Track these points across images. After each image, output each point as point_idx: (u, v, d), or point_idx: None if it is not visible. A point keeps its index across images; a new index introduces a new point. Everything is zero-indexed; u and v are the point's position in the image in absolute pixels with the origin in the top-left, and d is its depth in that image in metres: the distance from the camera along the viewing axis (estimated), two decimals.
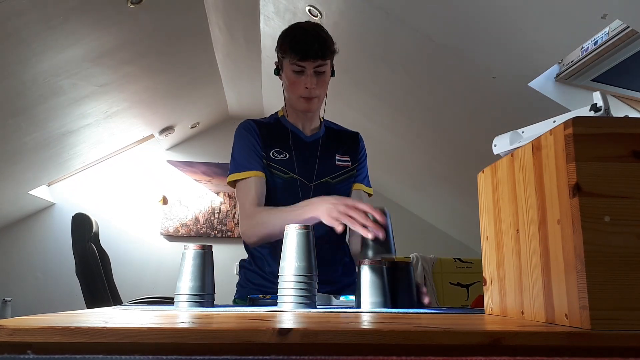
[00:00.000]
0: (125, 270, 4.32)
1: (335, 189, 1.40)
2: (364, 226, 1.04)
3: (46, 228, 4.52)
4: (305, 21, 1.41)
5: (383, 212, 1.08)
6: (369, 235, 1.04)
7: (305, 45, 1.30)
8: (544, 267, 0.67)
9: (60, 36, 2.43)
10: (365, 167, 1.51)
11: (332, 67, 1.42)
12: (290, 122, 1.45)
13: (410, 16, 2.35)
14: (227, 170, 1.41)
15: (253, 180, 1.33)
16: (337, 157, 1.45)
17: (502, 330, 0.53)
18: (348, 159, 1.46)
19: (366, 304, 0.98)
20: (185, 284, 0.96)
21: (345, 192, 1.43)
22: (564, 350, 0.53)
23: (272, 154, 1.39)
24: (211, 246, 1.01)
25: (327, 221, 1.09)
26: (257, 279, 1.41)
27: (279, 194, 1.37)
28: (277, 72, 1.41)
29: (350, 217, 1.06)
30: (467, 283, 3.50)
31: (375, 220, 1.05)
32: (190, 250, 0.98)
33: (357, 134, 1.54)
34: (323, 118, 1.52)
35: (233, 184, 1.37)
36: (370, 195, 1.51)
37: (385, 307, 0.98)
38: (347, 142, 1.50)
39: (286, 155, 1.39)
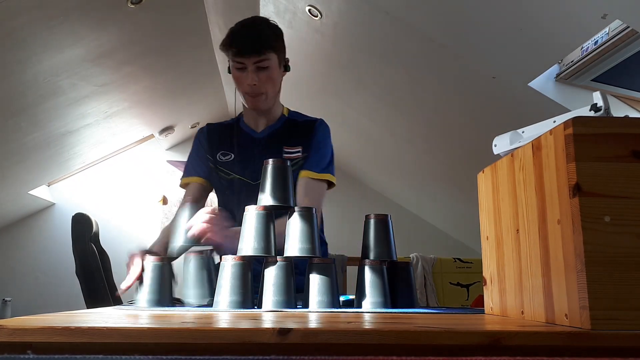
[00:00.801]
0: (125, 270, 4.31)
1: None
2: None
3: (46, 228, 4.51)
4: (252, 16, 1.39)
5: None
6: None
7: (241, 41, 1.28)
8: (544, 267, 0.67)
9: (60, 36, 2.42)
10: (320, 152, 1.37)
11: (286, 61, 1.37)
12: (244, 120, 1.45)
13: (411, 16, 2.35)
14: None
15: (190, 187, 1.41)
16: (284, 150, 1.37)
17: (502, 330, 0.53)
18: (299, 149, 1.37)
19: (367, 304, 0.98)
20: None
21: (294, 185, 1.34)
22: (564, 350, 0.53)
23: (218, 156, 1.41)
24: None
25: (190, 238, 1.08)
26: None
27: (225, 196, 1.40)
28: (229, 70, 1.38)
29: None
30: (467, 283, 3.50)
31: None
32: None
33: (315, 121, 1.43)
34: (288, 111, 1.47)
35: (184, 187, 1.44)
36: (331, 183, 1.36)
37: (386, 307, 0.97)
38: (301, 131, 1.40)
39: (231, 156, 1.40)
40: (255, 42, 1.28)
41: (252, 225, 0.95)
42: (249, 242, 0.94)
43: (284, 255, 0.95)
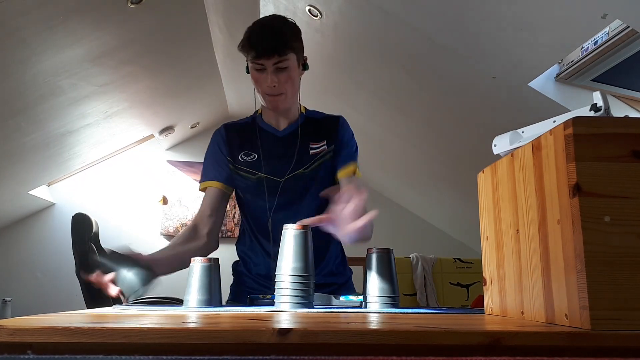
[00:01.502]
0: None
1: (309, 177, 1.36)
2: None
3: (46, 228, 4.52)
4: (271, 15, 1.37)
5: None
6: None
7: (260, 42, 1.25)
8: (544, 267, 0.67)
9: (60, 36, 2.42)
10: (348, 147, 1.41)
11: (304, 60, 1.36)
12: (264, 119, 1.43)
13: (411, 16, 2.35)
14: None
15: (209, 192, 1.39)
16: (310, 146, 1.39)
17: (502, 330, 0.53)
18: (324, 143, 1.39)
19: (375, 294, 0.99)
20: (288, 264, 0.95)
21: (321, 179, 1.37)
22: (564, 350, 0.53)
23: (241, 157, 1.39)
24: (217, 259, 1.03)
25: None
26: (248, 281, 1.41)
27: (249, 196, 1.39)
28: (248, 70, 1.37)
29: None
30: (467, 283, 3.51)
31: None
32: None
33: (337, 117, 1.46)
34: (305, 109, 1.48)
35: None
36: (356, 174, 1.40)
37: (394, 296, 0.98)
38: (324, 127, 1.42)
39: (254, 156, 1.38)
40: (276, 44, 1.25)
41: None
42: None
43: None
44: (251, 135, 1.40)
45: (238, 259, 1.49)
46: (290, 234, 0.97)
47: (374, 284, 1.00)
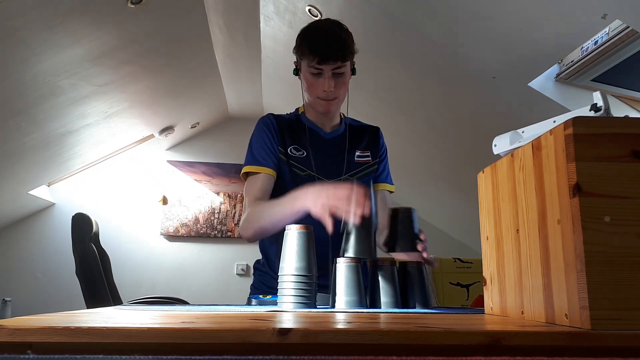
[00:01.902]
0: (125, 270, 4.32)
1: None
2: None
3: (46, 228, 4.52)
4: (325, 19, 1.36)
5: (406, 210, 1.09)
6: (350, 221, 0.99)
7: (323, 48, 1.25)
8: (544, 267, 0.67)
9: (60, 36, 2.42)
10: (386, 163, 1.49)
11: (353, 64, 1.38)
12: (310, 119, 1.43)
13: (411, 16, 2.35)
14: (227, 171, 1.42)
15: (262, 177, 1.32)
16: (357, 153, 1.43)
17: (502, 330, 0.53)
18: (368, 153, 1.44)
19: (341, 303, 0.99)
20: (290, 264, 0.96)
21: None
22: (564, 350, 0.53)
23: (290, 150, 1.37)
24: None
25: (314, 212, 1.05)
26: (270, 281, 1.40)
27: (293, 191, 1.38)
28: (296, 72, 1.38)
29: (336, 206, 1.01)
30: (467, 283, 3.49)
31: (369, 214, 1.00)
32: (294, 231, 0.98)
33: (377, 129, 1.52)
34: (344, 115, 1.51)
35: (245, 175, 1.36)
36: (392, 192, 1.49)
37: (361, 306, 0.99)
38: (367, 137, 1.48)
39: (304, 153, 1.37)
40: (340, 50, 1.26)
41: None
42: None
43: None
44: (299, 131, 1.40)
45: (260, 257, 1.48)
46: (292, 234, 0.97)
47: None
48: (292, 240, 0.96)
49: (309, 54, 1.26)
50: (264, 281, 1.41)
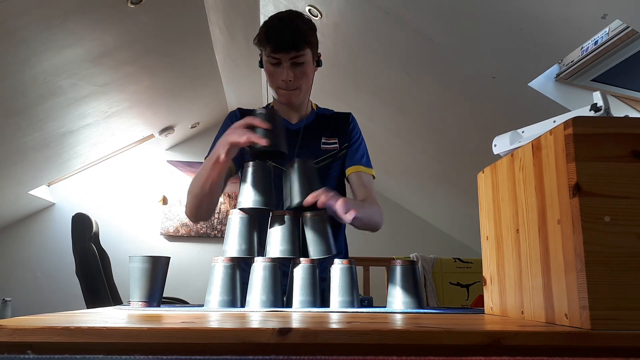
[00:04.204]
0: (125, 270, 4.30)
1: (319, 173, 1.37)
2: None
3: (46, 228, 4.52)
4: (287, 10, 1.37)
5: (301, 162, 1.12)
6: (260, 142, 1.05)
7: (278, 37, 1.25)
8: (544, 267, 0.67)
9: (60, 36, 2.42)
10: (361, 147, 1.45)
11: (318, 56, 1.38)
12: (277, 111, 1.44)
13: (410, 16, 2.35)
14: None
15: None
16: (322, 140, 1.41)
17: (502, 330, 0.53)
18: (335, 140, 1.42)
19: (335, 304, 1.00)
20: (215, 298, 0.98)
21: (333, 176, 1.40)
22: (564, 350, 0.53)
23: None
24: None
25: (221, 153, 1.10)
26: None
27: None
28: (261, 64, 1.38)
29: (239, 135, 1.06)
30: (467, 283, 3.50)
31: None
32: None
33: (348, 114, 1.49)
34: (316, 106, 1.50)
35: None
36: (373, 176, 1.45)
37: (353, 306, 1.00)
38: (336, 124, 1.45)
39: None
40: (293, 38, 1.26)
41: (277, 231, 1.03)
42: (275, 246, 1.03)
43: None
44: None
45: None
46: (258, 266, 1.00)
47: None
48: (258, 274, 0.99)
49: (265, 42, 1.27)
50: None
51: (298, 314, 0.80)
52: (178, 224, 4.69)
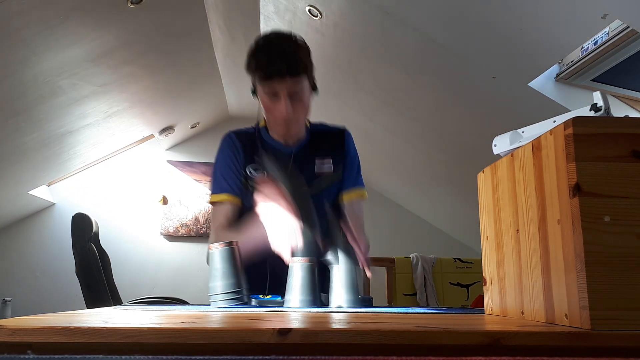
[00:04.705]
0: (125, 270, 4.32)
1: (315, 197, 1.29)
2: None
3: (46, 228, 4.52)
4: (275, 32, 1.25)
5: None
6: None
7: (270, 63, 1.15)
8: (544, 267, 0.67)
9: (60, 36, 2.42)
10: (354, 166, 1.40)
11: (313, 81, 1.29)
12: (271, 134, 1.36)
13: (410, 16, 2.35)
14: None
15: (227, 206, 1.30)
16: (316, 163, 1.34)
17: (502, 330, 0.53)
18: (329, 160, 1.35)
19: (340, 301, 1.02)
20: (219, 283, 1.00)
21: (328, 198, 1.33)
22: (564, 350, 0.53)
23: (249, 171, 1.32)
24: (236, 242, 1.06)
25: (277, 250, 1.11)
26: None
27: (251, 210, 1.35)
28: (253, 92, 1.29)
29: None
30: (467, 283, 3.51)
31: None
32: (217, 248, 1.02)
33: (342, 131, 1.41)
34: (310, 123, 1.42)
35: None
36: (364, 197, 1.40)
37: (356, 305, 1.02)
38: (328, 142, 1.38)
39: (263, 173, 1.30)
40: (288, 63, 1.15)
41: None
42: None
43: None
44: (257, 149, 1.32)
45: None
46: (297, 267, 1.03)
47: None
48: (297, 273, 1.02)
49: (255, 69, 1.17)
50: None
51: (298, 314, 0.80)
52: (178, 224, 4.69)
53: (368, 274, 1.08)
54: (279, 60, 1.15)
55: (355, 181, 1.39)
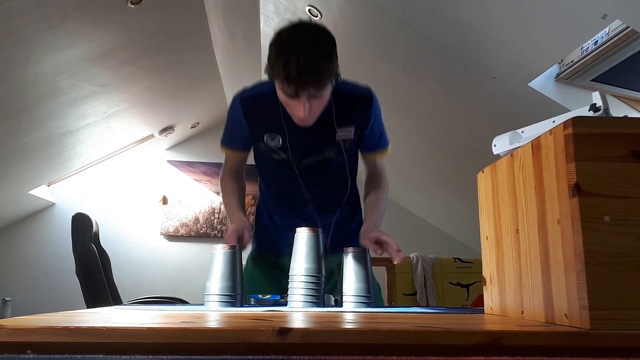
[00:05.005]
0: (125, 270, 4.32)
1: (331, 162, 1.36)
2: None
3: (46, 228, 4.52)
4: (298, 25, 1.15)
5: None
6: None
7: (298, 78, 1.08)
8: (544, 267, 0.67)
9: (60, 36, 2.42)
10: (379, 129, 1.39)
11: (337, 72, 1.21)
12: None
13: (410, 16, 2.35)
14: None
15: (232, 157, 1.46)
16: (338, 132, 1.31)
17: (502, 330, 0.53)
18: (352, 129, 1.32)
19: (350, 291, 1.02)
20: (216, 284, 1.00)
21: (346, 164, 1.38)
22: (564, 350, 0.53)
23: (265, 138, 1.32)
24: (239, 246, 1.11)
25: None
26: (265, 236, 1.47)
27: (273, 172, 1.43)
28: (269, 76, 1.22)
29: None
30: (467, 283, 3.51)
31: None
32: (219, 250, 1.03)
33: (369, 98, 1.37)
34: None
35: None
36: (387, 154, 1.45)
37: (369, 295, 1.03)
38: (354, 108, 1.34)
39: (279, 139, 1.31)
40: (316, 77, 1.09)
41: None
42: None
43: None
44: (274, 114, 1.28)
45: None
46: (302, 236, 1.03)
47: (349, 283, 1.03)
48: (302, 243, 1.02)
49: (284, 80, 1.10)
50: (259, 234, 1.48)
51: (298, 314, 0.80)
52: (178, 224, 4.69)
53: (397, 259, 1.11)
54: (305, 72, 1.08)
55: (378, 143, 1.43)
